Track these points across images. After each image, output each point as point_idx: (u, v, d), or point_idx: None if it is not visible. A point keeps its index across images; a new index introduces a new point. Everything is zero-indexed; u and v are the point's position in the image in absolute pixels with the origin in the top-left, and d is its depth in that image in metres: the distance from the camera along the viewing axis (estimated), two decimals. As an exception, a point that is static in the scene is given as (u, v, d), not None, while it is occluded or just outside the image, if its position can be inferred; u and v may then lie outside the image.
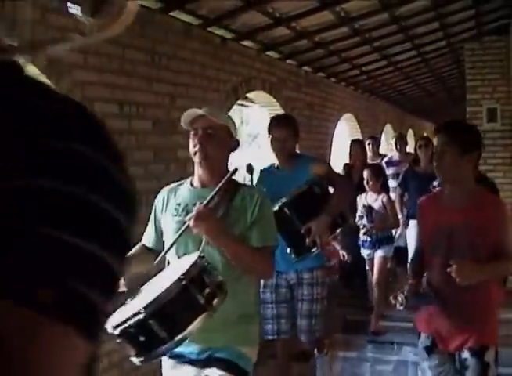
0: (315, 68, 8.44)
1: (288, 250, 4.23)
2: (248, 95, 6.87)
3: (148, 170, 4.66)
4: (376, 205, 6.75)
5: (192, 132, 2.94)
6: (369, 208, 6.76)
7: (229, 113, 3.11)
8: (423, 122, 20.70)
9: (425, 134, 14.93)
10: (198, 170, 3.01)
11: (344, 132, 11.32)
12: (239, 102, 7.36)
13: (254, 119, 26.20)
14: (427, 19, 7.76)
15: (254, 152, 25.03)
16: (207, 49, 5.53)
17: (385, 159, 8.96)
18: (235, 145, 3.09)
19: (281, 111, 7.43)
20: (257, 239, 2.92)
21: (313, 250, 4.20)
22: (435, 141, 3.35)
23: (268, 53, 6.89)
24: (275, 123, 4.58)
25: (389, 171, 8.34)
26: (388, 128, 14.07)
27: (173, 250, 2.99)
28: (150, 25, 4.70)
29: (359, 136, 10.48)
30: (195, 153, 2.93)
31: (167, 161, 4.87)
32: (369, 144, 8.98)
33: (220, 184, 2.86)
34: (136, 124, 4.56)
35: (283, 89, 7.34)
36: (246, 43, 6.32)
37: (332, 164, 6.53)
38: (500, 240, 3.25)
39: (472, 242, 3.23)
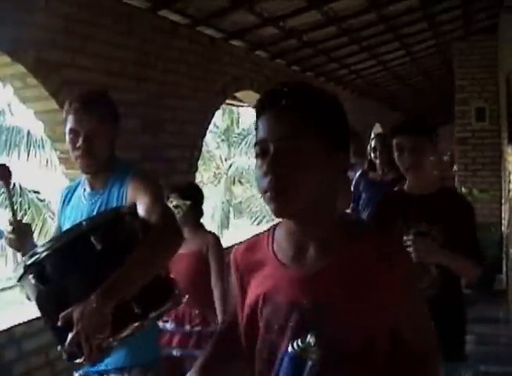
0: (303, 67, 8.45)
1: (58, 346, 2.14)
2: (237, 94, 6.88)
3: (136, 169, 4.65)
4: None
5: None
6: None
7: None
8: (413, 122, 20.72)
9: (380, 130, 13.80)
10: None
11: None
12: (228, 101, 7.38)
13: (244, 119, 26.27)
14: (416, 19, 7.77)
15: (244, 152, 25.05)
16: (196, 49, 5.53)
17: None
18: None
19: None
20: None
21: (77, 360, 2.06)
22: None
23: (256, 53, 6.89)
24: (72, 107, 2.54)
25: None
26: (378, 127, 14.10)
27: None
28: (138, 24, 4.70)
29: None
30: None
31: (155, 160, 4.86)
32: None
33: None
34: (124, 123, 4.54)
35: (271, 89, 7.33)
36: (235, 42, 6.32)
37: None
38: (411, 333, 1.57)
39: (347, 337, 1.44)
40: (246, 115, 24.89)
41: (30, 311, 3.78)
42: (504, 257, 8.39)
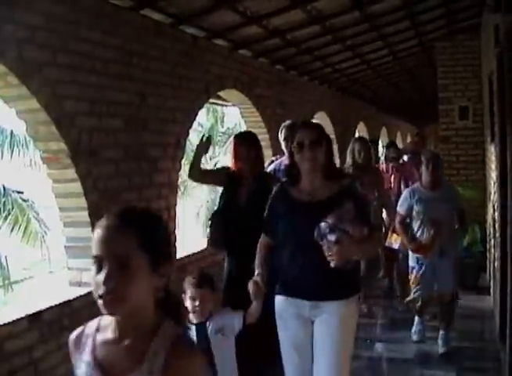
0: (287, 66, 8.45)
1: None
2: (220, 93, 6.87)
3: (119, 168, 4.64)
4: None
5: None
6: None
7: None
8: (397, 120, 20.79)
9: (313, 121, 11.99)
10: None
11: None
12: (212, 101, 7.37)
13: (229, 118, 26.23)
14: (399, 18, 7.80)
15: (228, 151, 25.02)
16: (179, 48, 5.51)
17: (271, 166, 5.84)
18: None
19: (253, 109, 7.44)
20: None
21: None
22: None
23: (239, 52, 6.88)
24: None
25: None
26: (362, 126, 14.14)
27: None
28: (121, 23, 4.68)
29: (332, 135, 10.47)
30: None
31: (137, 159, 4.85)
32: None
33: None
34: (107, 122, 4.54)
35: (255, 88, 7.34)
36: (218, 41, 6.31)
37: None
38: None
39: None
40: (231, 114, 24.84)
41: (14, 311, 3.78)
42: (488, 255, 8.43)
